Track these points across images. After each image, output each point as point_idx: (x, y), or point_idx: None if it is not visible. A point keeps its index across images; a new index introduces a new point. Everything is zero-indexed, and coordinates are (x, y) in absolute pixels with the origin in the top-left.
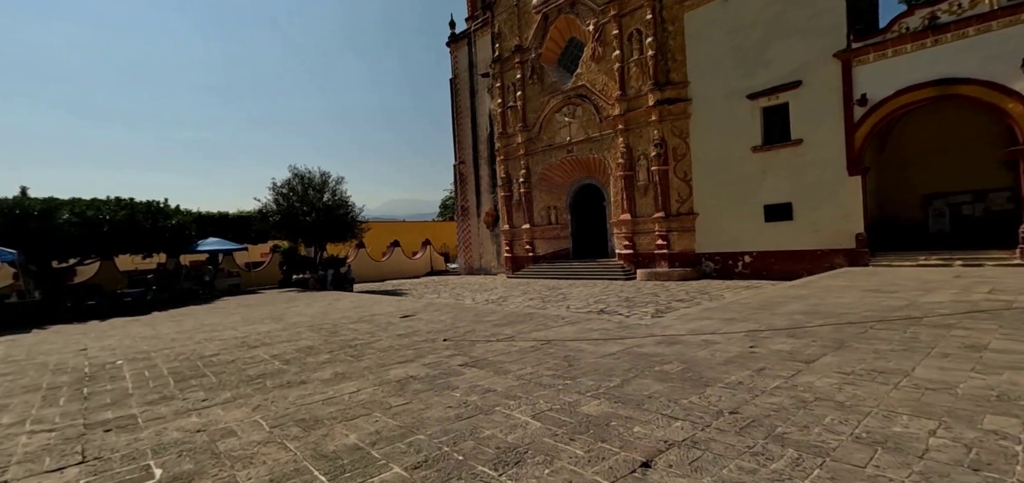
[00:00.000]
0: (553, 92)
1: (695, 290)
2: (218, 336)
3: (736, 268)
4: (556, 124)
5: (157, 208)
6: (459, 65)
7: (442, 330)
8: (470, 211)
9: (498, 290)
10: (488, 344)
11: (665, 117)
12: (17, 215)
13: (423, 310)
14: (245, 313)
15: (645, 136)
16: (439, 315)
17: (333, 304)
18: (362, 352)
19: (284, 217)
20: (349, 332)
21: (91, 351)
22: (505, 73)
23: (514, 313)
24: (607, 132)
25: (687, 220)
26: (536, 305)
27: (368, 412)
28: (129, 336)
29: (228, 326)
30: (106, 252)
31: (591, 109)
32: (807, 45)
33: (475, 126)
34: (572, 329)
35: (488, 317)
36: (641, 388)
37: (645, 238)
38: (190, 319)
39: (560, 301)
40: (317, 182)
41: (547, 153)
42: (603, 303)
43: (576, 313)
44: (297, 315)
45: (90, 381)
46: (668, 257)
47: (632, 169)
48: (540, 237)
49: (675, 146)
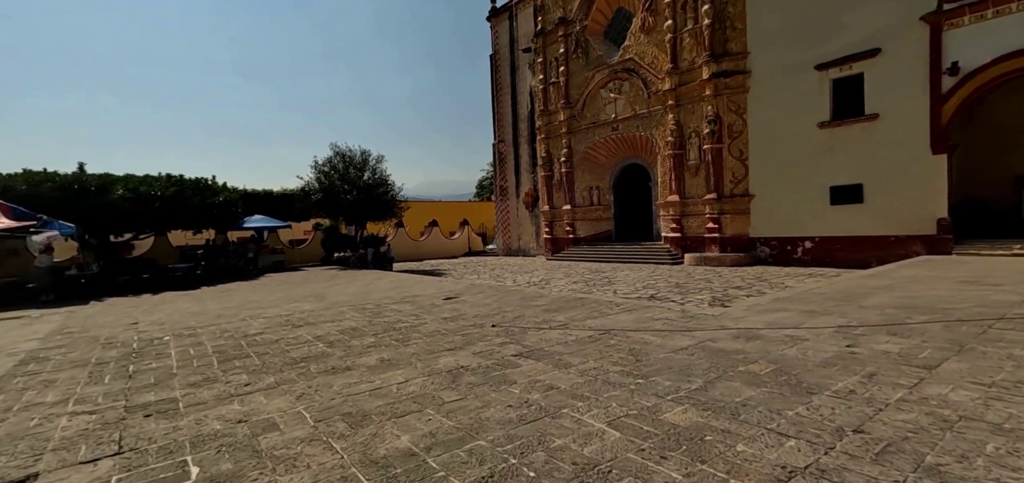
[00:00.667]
0: (598, 66)
1: (752, 277)
2: (262, 314)
3: (795, 254)
4: (601, 100)
5: (205, 185)
6: (499, 41)
7: (489, 314)
8: (509, 191)
9: (539, 272)
10: (541, 332)
11: (721, 91)
12: (75, 190)
13: (465, 291)
14: (288, 290)
15: (698, 112)
16: (483, 298)
17: (374, 283)
18: (407, 336)
19: (326, 195)
20: (392, 313)
21: (141, 325)
22: (548, 47)
23: (562, 297)
24: (656, 108)
25: (741, 202)
26: (581, 289)
27: (420, 408)
28: (177, 311)
29: (272, 303)
30: (158, 227)
31: (639, 84)
32: (889, 8)
33: (515, 104)
34: (630, 317)
35: (535, 301)
36: (730, 393)
37: (694, 221)
38: (235, 295)
39: (606, 285)
40: (358, 161)
41: (590, 131)
42: (652, 289)
43: (627, 299)
44: (339, 293)
45: (137, 357)
46: (719, 241)
47: (682, 147)
48: (581, 218)
49: (731, 122)
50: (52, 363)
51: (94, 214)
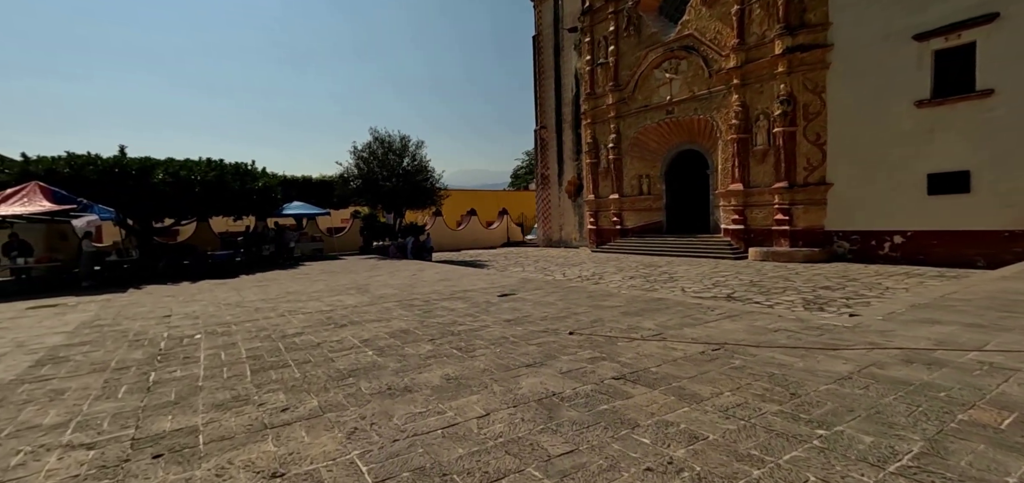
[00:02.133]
0: (652, 45)
1: (836, 276)
2: (302, 308)
3: (881, 250)
4: (654, 82)
5: (245, 170)
6: (543, 21)
7: (558, 316)
8: (551, 179)
9: (587, 265)
10: (634, 343)
11: (795, 68)
12: (116, 174)
13: (520, 287)
14: (329, 281)
15: (767, 92)
16: (543, 295)
17: (417, 275)
18: (470, 343)
19: (364, 182)
20: (445, 312)
21: (174, 318)
22: (596, 26)
23: (635, 297)
24: (718, 88)
25: (816, 191)
26: (641, 284)
27: (519, 464)
28: (214, 302)
29: (312, 296)
30: (198, 212)
31: (698, 62)
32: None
33: (559, 87)
34: (737, 327)
35: (606, 302)
36: (984, 464)
37: (760, 212)
38: (275, 285)
39: (667, 281)
40: (397, 146)
41: (641, 115)
42: (724, 287)
43: (701, 297)
44: (382, 286)
45: (162, 361)
46: (789, 234)
47: (747, 131)
48: (629, 208)
49: (806, 102)
50: (69, 366)
51: (135, 198)
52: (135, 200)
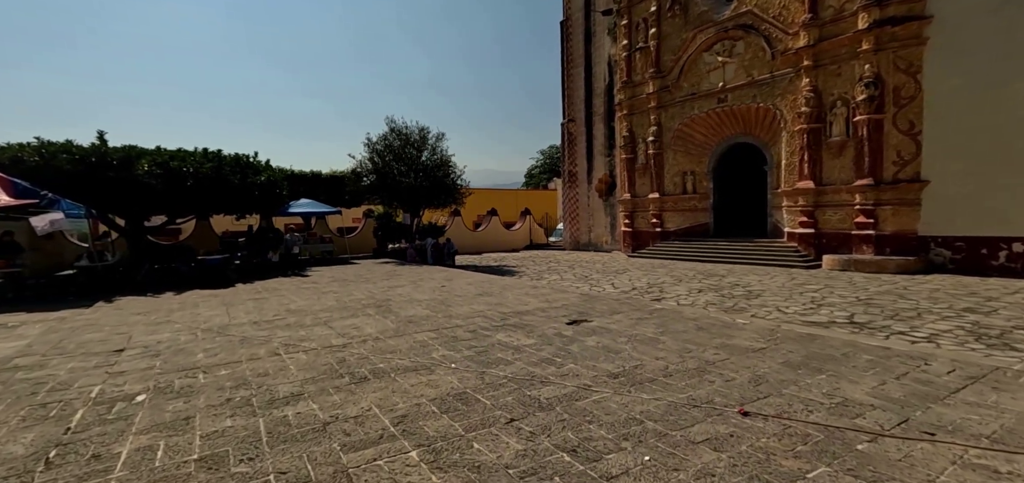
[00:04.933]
0: (701, 25)
1: (966, 294)
2: (304, 340)
3: (993, 260)
4: (703, 66)
5: (246, 162)
6: (573, 4)
7: (681, 367)
8: (579, 177)
9: (632, 273)
10: (877, 446)
11: (885, 44)
12: (93, 163)
13: (586, 306)
14: (340, 293)
15: (846, 74)
16: (630, 323)
17: (447, 287)
18: (585, 435)
19: (380, 177)
20: (506, 353)
21: (126, 355)
22: (634, 7)
23: (770, 330)
24: (783, 72)
25: (908, 189)
26: (719, 302)
27: None
28: (192, 325)
29: (319, 317)
30: (191, 209)
31: (759, 43)
32: None
33: (589, 76)
34: (1011, 401)
35: (728, 337)
36: None
37: (835, 213)
38: (274, 298)
39: (748, 298)
40: (416, 139)
41: (687, 104)
42: (828, 306)
43: (814, 322)
44: (407, 302)
45: (58, 458)
46: (874, 240)
47: (820, 120)
48: (671, 209)
49: (897, 85)
50: None
51: (115, 191)
52: (117, 194)
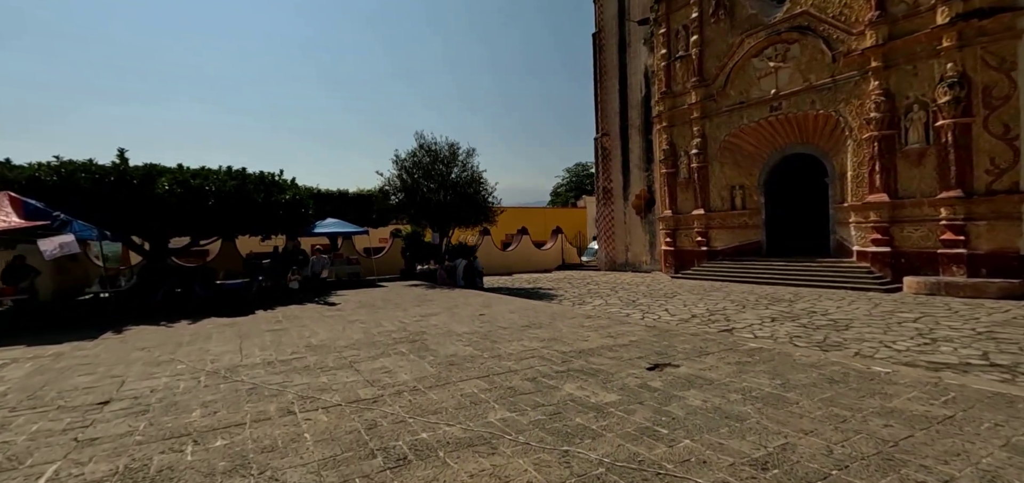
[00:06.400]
0: (750, 29)
1: None
2: (325, 390)
3: None
4: (752, 72)
5: (271, 180)
6: (605, 14)
7: (862, 454)
8: (614, 193)
9: (681, 296)
10: None
11: (971, 39)
12: (112, 182)
13: (662, 345)
14: (368, 323)
15: (924, 74)
16: (732, 371)
17: (486, 315)
18: None
19: (408, 195)
20: (589, 417)
21: (107, 414)
22: (673, 13)
23: (930, 384)
24: (846, 74)
25: (1007, 201)
26: (796, 331)
27: None
28: (197, 366)
29: (343, 356)
30: (214, 229)
31: (817, 45)
32: None
33: (624, 88)
34: None
35: (893, 398)
36: None
37: (916, 230)
38: (294, 329)
39: (836, 331)
40: (445, 154)
41: (735, 113)
42: (949, 343)
43: (975, 373)
44: (445, 336)
45: None
46: (967, 260)
47: (894, 126)
48: (718, 226)
49: (988, 84)
50: None
51: (136, 211)
52: (137, 214)
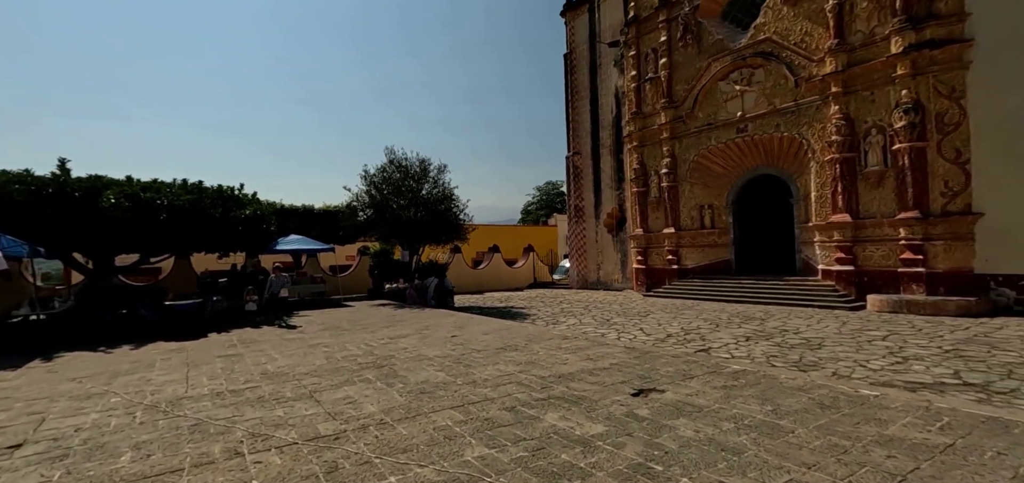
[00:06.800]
0: (717, 54)
1: None
2: (281, 425)
3: None
4: (719, 95)
5: (230, 194)
6: (577, 36)
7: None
8: (586, 212)
9: (655, 315)
10: None
11: (924, 68)
12: (50, 195)
13: (644, 367)
14: (332, 347)
15: (881, 100)
16: (720, 397)
17: (460, 337)
18: None
19: (378, 212)
20: (576, 453)
21: (17, 460)
22: (642, 37)
23: (920, 408)
24: (808, 99)
25: (960, 223)
26: (772, 351)
27: None
28: (134, 398)
29: (303, 385)
30: (167, 246)
31: (780, 70)
32: None
33: (596, 108)
34: None
35: (888, 424)
36: None
37: (877, 249)
38: (249, 355)
39: (801, 344)
40: (416, 170)
41: (704, 135)
42: (920, 362)
43: (951, 393)
44: (416, 361)
45: None
46: (926, 279)
47: (854, 149)
48: (689, 245)
49: (940, 111)
50: None
51: (79, 227)
52: (79, 229)
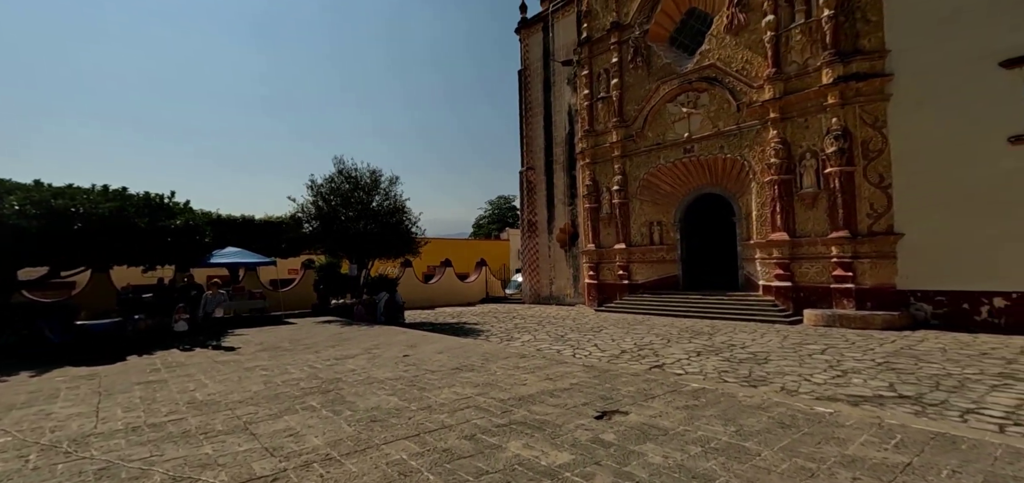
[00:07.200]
0: (665, 77)
1: (962, 353)
2: (208, 466)
3: (977, 315)
4: (668, 117)
5: (158, 202)
6: (530, 54)
7: None
8: (539, 227)
9: (607, 330)
10: None
11: (850, 99)
12: None
13: (603, 387)
14: (271, 371)
15: (814, 126)
16: (684, 418)
17: (412, 356)
18: None
19: (324, 224)
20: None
21: None
22: (595, 58)
23: (873, 424)
24: (749, 123)
25: (884, 242)
26: (722, 366)
27: None
28: (27, 438)
29: (237, 413)
30: (82, 258)
31: (724, 95)
32: None
33: (549, 125)
34: None
35: (847, 443)
36: None
37: (812, 266)
38: (175, 381)
39: (748, 359)
40: (366, 181)
41: (653, 154)
42: (858, 375)
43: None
44: (366, 384)
45: None
46: (855, 294)
47: (790, 171)
48: (639, 260)
49: (866, 139)
50: None
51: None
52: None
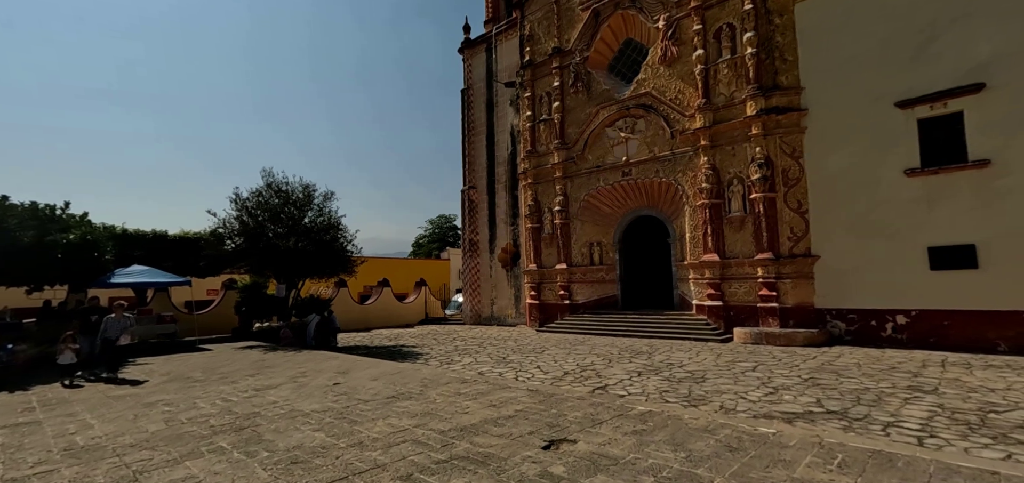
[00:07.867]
0: (604, 102)
1: (875, 368)
2: None
3: (883, 331)
4: (607, 141)
5: (48, 214)
6: (474, 74)
7: None
8: (480, 246)
9: (550, 351)
10: None
11: (771, 130)
12: None
13: (550, 413)
14: (176, 405)
15: (740, 154)
16: (633, 445)
17: (343, 385)
18: None
19: (250, 241)
20: None
21: None
22: (537, 80)
23: (815, 445)
24: (682, 150)
25: (803, 264)
26: (662, 385)
27: None
28: None
29: (128, 460)
30: None
31: (659, 122)
32: (1003, 32)
33: (492, 144)
34: None
35: (795, 467)
36: None
37: (741, 286)
38: (52, 420)
39: (687, 378)
40: (298, 196)
41: (593, 176)
42: (788, 392)
43: (820, 421)
44: (288, 419)
45: None
46: (779, 312)
47: (720, 196)
48: (580, 280)
49: (785, 167)
50: None
51: None
52: None
